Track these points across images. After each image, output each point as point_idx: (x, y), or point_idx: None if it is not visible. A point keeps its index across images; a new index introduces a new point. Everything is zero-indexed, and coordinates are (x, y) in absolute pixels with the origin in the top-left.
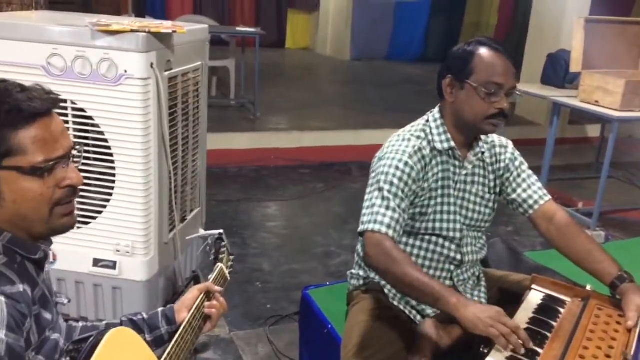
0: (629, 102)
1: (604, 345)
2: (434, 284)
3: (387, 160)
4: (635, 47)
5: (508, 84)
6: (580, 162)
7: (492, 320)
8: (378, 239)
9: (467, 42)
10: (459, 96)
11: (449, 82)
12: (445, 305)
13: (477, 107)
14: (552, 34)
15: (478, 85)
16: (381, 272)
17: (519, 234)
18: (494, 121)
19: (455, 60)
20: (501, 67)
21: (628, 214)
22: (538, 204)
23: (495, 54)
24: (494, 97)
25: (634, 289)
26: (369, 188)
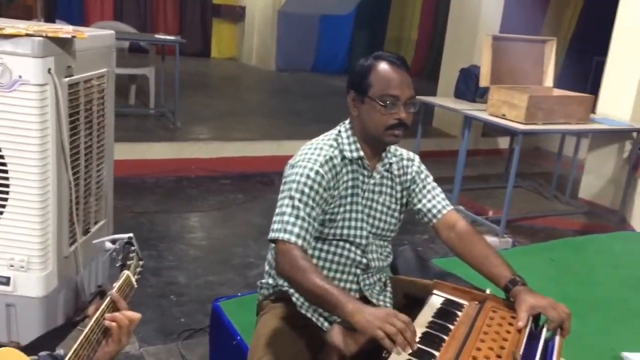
0: (532, 115)
1: (495, 346)
2: (334, 291)
3: (299, 168)
4: (540, 63)
5: (404, 95)
6: (491, 172)
7: (380, 321)
8: (287, 248)
9: (366, 57)
10: (362, 110)
11: (352, 97)
12: (342, 311)
13: (376, 119)
14: (465, 50)
15: (375, 98)
16: (288, 280)
17: (433, 242)
18: (394, 131)
19: (355, 76)
20: (396, 79)
21: (534, 221)
22: (441, 213)
23: (391, 67)
24: (391, 108)
25: (525, 291)
26: (281, 195)
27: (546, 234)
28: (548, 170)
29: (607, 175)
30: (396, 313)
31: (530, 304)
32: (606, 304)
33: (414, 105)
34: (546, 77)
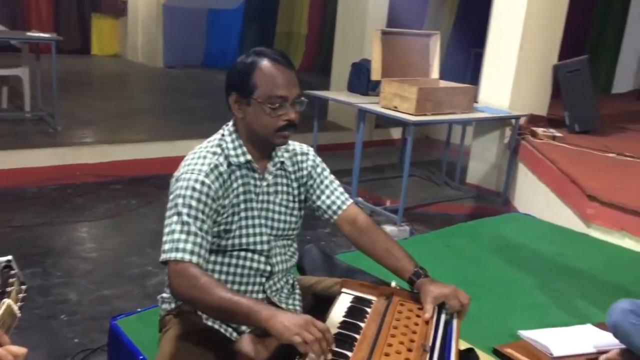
0: (422, 107)
1: (406, 340)
2: (243, 301)
3: (184, 181)
4: (426, 56)
5: (292, 95)
6: (386, 162)
7: (298, 327)
8: (182, 268)
9: (247, 54)
10: (248, 113)
11: (235, 99)
12: (256, 319)
13: (265, 122)
14: (355, 44)
15: (262, 100)
16: (190, 302)
17: (335, 235)
18: (284, 133)
19: (236, 76)
20: (282, 78)
21: (428, 208)
22: (341, 209)
23: (274, 65)
24: (280, 110)
25: (429, 282)
26: (168, 212)
27: (440, 219)
28: (438, 158)
29: (491, 161)
30: (314, 320)
31: (434, 294)
32: (500, 285)
33: (301, 104)
34: (432, 69)
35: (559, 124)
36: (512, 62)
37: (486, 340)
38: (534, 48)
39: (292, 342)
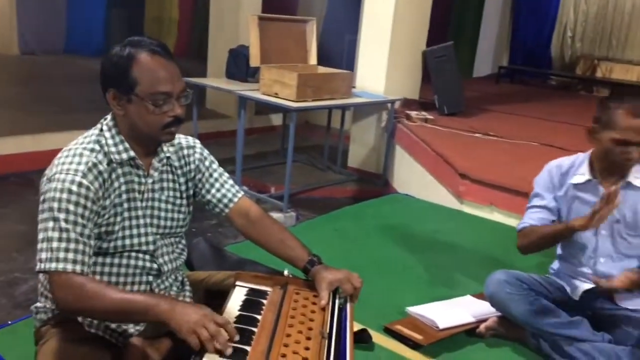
0: (302, 93)
1: (304, 328)
2: (139, 298)
3: (58, 182)
4: (303, 43)
5: (176, 89)
6: (269, 149)
7: (195, 324)
8: (65, 279)
9: (122, 45)
10: (129, 110)
11: (113, 96)
12: (155, 313)
13: (150, 119)
14: (231, 30)
15: (145, 97)
16: (80, 313)
17: (222, 226)
18: (170, 129)
19: (113, 70)
20: (164, 73)
21: (313, 193)
22: (233, 202)
23: (154, 58)
24: (164, 106)
25: (323, 269)
26: (42, 215)
27: (325, 204)
28: (319, 143)
29: (370, 144)
30: (213, 315)
31: (328, 280)
32: (387, 264)
33: (186, 97)
34: (310, 55)
35: (430, 107)
36: (385, 49)
37: (378, 319)
38: (404, 35)
39: (189, 341)
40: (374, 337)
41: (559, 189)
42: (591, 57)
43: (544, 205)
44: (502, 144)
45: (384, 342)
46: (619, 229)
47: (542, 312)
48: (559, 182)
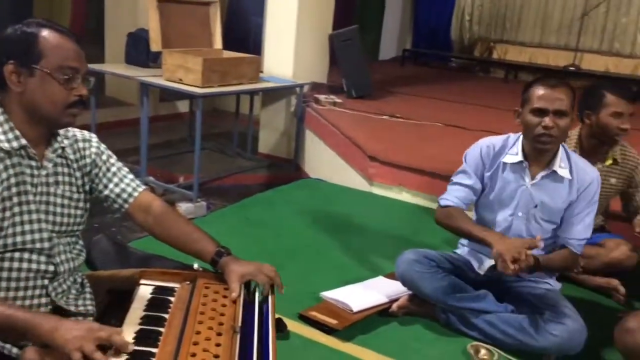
0: (208, 78)
1: (214, 324)
2: (20, 315)
3: None
4: (207, 26)
5: (83, 69)
6: (175, 137)
7: (79, 340)
8: None
9: (25, 23)
10: (31, 85)
11: (12, 69)
12: (36, 335)
13: (56, 95)
14: (129, 13)
15: (52, 70)
16: None
17: (126, 220)
18: (74, 110)
19: (14, 43)
20: (73, 50)
21: (223, 181)
22: (133, 197)
23: (62, 36)
24: (72, 82)
25: (232, 261)
26: None
27: (236, 191)
28: (228, 129)
29: (280, 129)
30: (100, 327)
31: (238, 272)
32: (301, 250)
33: (89, 81)
34: (215, 39)
35: (338, 91)
36: (291, 33)
37: (292, 307)
38: (310, 18)
39: (73, 358)
40: (289, 325)
41: (489, 169)
42: (487, 39)
43: (470, 185)
44: (409, 126)
45: (299, 330)
46: (534, 214)
47: (450, 288)
48: (490, 162)
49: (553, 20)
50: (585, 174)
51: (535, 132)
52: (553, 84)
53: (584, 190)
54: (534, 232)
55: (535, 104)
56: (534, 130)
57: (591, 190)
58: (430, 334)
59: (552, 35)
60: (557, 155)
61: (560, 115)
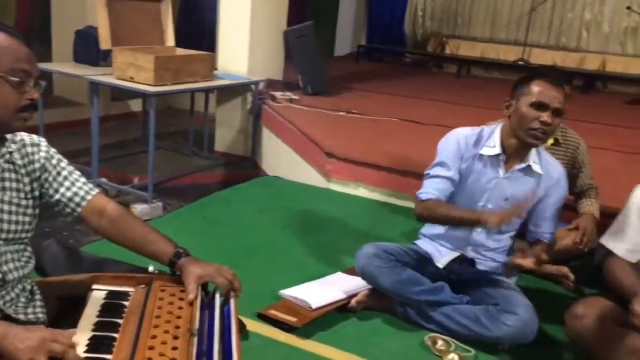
0: (160, 76)
1: (171, 327)
2: None
3: None
4: (159, 23)
5: (34, 72)
6: (129, 137)
7: (31, 350)
8: None
9: None
10: None
11: None
12: None
13: (7, 98)
14: (76, 10)
15: (4, 72)
16: None
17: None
18: (25, 114)
19: None
20: (24, 52)
21: (180, 180)
22: (85, 200)
23: (13, 38)
24: (24, 86)
25: (190, 262)
26: None
27: (193, 191)
28: (183, 128)
29: (236, 127)
30: (54, 335)
31: (196, 274)
32: (259, 249)
33: (41, 85)
34: (167, 36)
35: (295, 87)
36: (245, 29)
37: (251, 306)
38: (265, 14)
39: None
40: (248, 324)
41: (465, 160)
42: (440, 35)
43: (449, 177)
44: (364, 121)
45: (258, 329)
46: (504, 207)
47: (408, 281)
48: (467, 153)
49: (502, 15)
50: (553, 169)
51: (532, 125)
52: (554, 81)
53: (553, 185)
54: (502, 226)
55: (538, 98)
56: (530, 124)
57: (561, 185)
58: (389, 328)
59: (502, 31)
60: (532, 150)
61: (558, 114)
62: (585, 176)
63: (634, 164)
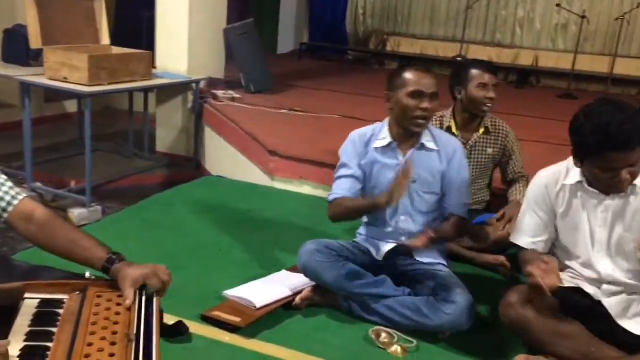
0: (96, 76)
1: (108, 334)
2: None
3: None
4: (92, 21)
5: None
6: (64, 139)
7: None
8: None
9: None
10: None
11: None
12: None
13: None
14: (5, 8)
15: None
16: None
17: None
18: None
19: None
20: None
21: (120, 183)
22: (12, 205)
23: None
24: None
25: (126, 266)
26: None
27: (134, 193)
28: (122, 128)
29: (178, 126)
30: None
31: (132, 277)
32: (202, 250)
33: None
34: (102, 35)
35: (237, 86)
36: (184, 27)
37: (195, 308)
38: (203, 12)
39: None
40: (191, 327)
41: (364, 156)
42: (381, 32)
43: (352, 175)
44: (308, 119)
45: (202, 331)
46: (415, 188)
47: (351, 276)
48: (364, 150)
49: (441, 13)
50: (448, 143)
51: (414, 114)
52: (424, 69)
53: (452, 157)
54: (419, 207)
55: (414, 87)
56: (413, 112)
57: (458, 156)
58: (333, 323)
59: (441, 28)
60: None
61: (434, 98)
62: (516, 165)
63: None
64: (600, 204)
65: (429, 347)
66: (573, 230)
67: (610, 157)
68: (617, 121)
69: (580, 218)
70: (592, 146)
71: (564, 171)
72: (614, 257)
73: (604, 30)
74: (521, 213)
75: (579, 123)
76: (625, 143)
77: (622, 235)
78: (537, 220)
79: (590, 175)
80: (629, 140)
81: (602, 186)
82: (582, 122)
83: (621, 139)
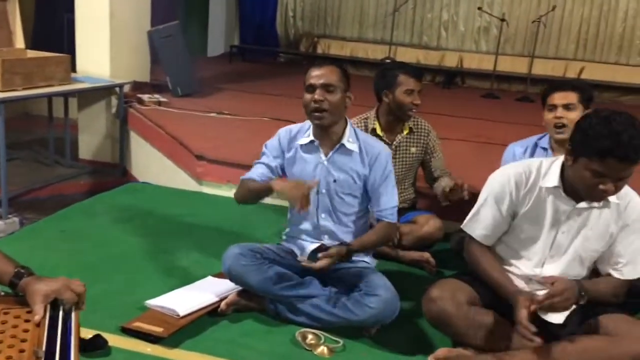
0: (9, 81)
1: (14, 352)
2: None
3: None
4: (5, 24)
5: None
6: None
7: None
8: None
9: None
10: None
11: None
12: None
13: None
14: None
15: None
16: None
17: None
18: None
19: None
20: None
21: (39, 192)
22: None
23: None
24: None
25: (34, 281)
26: None
27: (55, 203)
28: (42, 135)
29: (102, 132)
30: None
31: (42, 292)
32: (125, 260)
33: None
34: (16, 37)
35: (163, 89)
36: (105, 29)
37: (115, 320)
38: (125, 14)
39: None
40: (110, 340)
41: (288, 151)
42: (311, 34)
43: (266, 163)
44: (236, 122)
45: (122, 344)
46: (335, 189)
47: (277, 278)
48: (288, 145)
49: (369, 15)
50: (372, 147)
51: (310, 107)
52: (320, 64)
53: (375, 161)
54: (339, 207)
55: (308, 81)
56: (309, 107)
57: (382, 160)
58: (260, 327)
59: (370, 30)
60: (345, 132)
61: (328, 89)
62: (438, 162)
63: (485, 153)
64: (570, 211)
65: (355, 345)
66: (533, 231)
67: (610, 164)
68: (629, 133)
69: (545, 221)
70: (598, 148)
71: (534, 172)
72: (569, 262)
73: (523, 33)
74: (479, 203)
75: (592, 123)
76: (629, 155)
77: (583, 244)
78: (497, 215)
79: (577, 176)
80: (634, 154)
81: (584, 189)
82: (595, 122)
83: (627, 151)
